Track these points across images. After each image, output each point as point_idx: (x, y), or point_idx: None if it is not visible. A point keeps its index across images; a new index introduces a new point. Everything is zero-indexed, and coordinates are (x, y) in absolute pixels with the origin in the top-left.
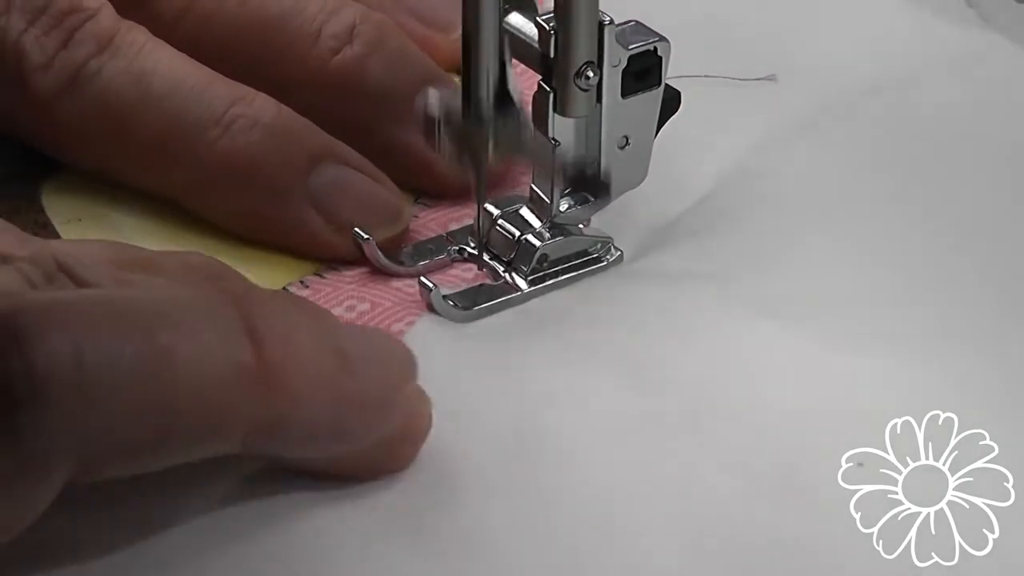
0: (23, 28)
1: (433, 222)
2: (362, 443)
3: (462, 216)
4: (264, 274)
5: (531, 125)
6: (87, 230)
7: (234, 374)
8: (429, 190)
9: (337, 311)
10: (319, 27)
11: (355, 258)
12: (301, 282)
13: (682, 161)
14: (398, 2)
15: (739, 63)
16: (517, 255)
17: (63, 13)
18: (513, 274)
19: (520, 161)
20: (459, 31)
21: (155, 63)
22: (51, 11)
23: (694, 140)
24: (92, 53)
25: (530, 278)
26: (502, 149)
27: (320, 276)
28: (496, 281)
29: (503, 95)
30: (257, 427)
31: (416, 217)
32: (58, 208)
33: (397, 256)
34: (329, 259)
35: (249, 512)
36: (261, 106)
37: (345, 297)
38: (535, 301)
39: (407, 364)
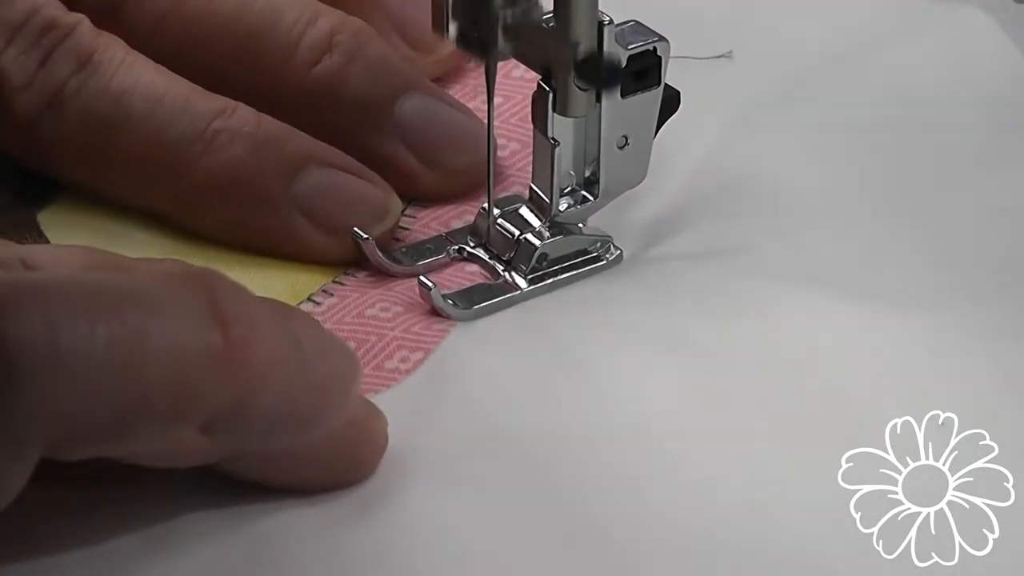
0: (2, 48)
1: (435, 221)
2: (311, 434)
3: (462, 213)
4: (278, 286)
5: (541, 12)
6: None
7: (202, 355)
8: (414, 199)
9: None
10: (297, 37)
11: (352, 260)
12: (324, 291)
13: (658, 148)
14: (382, 19)
15: (694, 43)
16: (516, 254)
17: (41, 30)
18: (512, 273)
19: (529, 51)
20: (442, 50)
21: (135, 80)
22: (28, 28)
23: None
24: (72, 71)
25: (529, 277)
26: (511, 40)
27: (340, 283)
28: (495, 280)
29: None
30: (220, 411)
31: (414, 218)
32: (59, 234)
33: (396, 256)
34: (323, 264)
35: (215, 514)
36: (241, 117)
37: (376, 300)
38: (561, 292)
39: (353, 361)
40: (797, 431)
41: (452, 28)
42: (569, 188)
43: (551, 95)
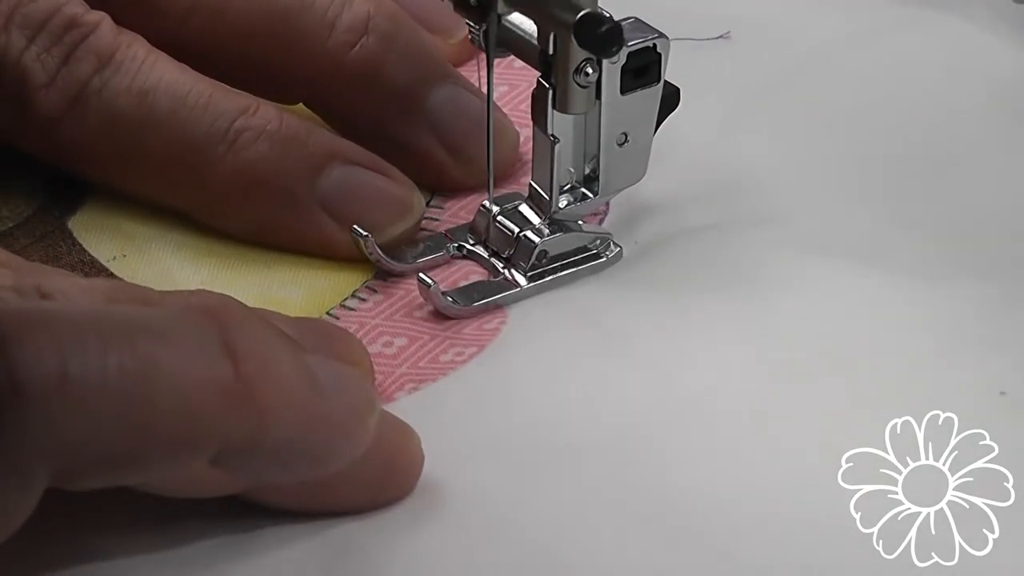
0: (24, 46)
1: (463, 210)
2: (327, 468)
3: (473, 211)
4: (321, 284)
5: None
6: (134, 265)
7: (212, 388)
8: (439, 190)
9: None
10: (333, 19)
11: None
12: (368, 287)
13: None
14: (401, 6)
15: (690, 24)
16: (516, 251)
17: (63, 28)
18: (512, 270)
19: (528, 13)
20: (461, 34)
21: (157, 79)
22: (50, 27)
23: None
24: (94, 70)
25: (529, 274)
26: (509, 2)
27: (362, 299)
28: (495, 277)
29: None
30: (230, 443)
31: (441, 208)
32: (92, 239)
33: (396, 253)
34: (350, 261)
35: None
36: (264, 116)
37: (381, 333)
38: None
39: (369, 395)
40: (797, 431)
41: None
42: (569, 185)
43: (551, 92)
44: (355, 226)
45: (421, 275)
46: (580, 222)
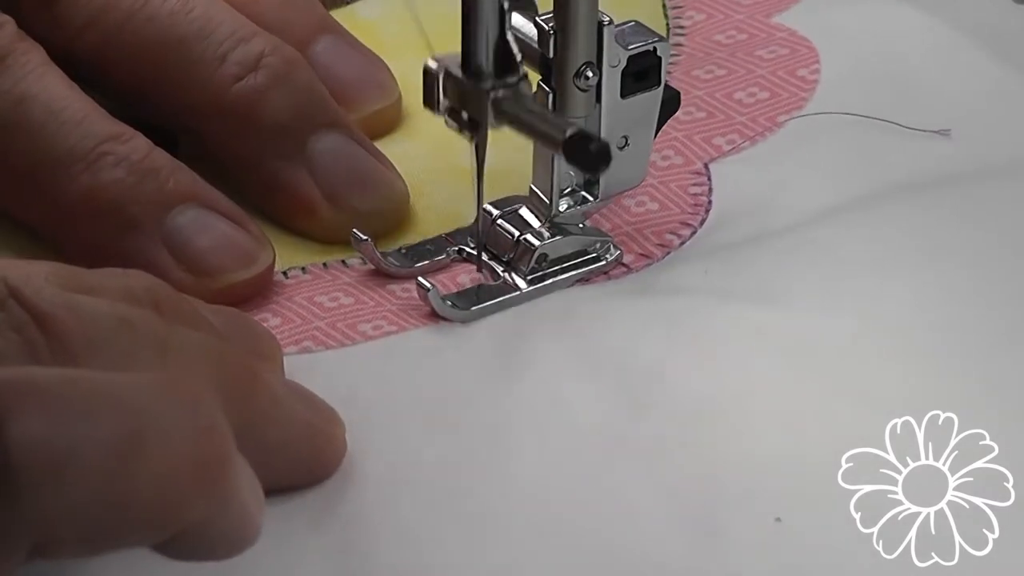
0: None
1: None
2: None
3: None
4: None
5: (530, 88)
6: None
7: (191, 468)
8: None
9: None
10: (225, 52)
11: (210, 299)
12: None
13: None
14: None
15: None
16: (516, 255)
17: None
18: (512, 274)
19: (519, 130)
20: (369, 108)
21: (40, 89)
22: None
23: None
24: None
25: (529, 278)
26: (501, 115)
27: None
28: (495, 281)
29: (504, 60)
30: (192, 524)
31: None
32: None
33: (396, 257)
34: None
35: None
36: (133, 146)
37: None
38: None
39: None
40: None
41: (442, 105)
42: (569, 188)
43: (551, 95)
44: (355, 230)
45: (420, 279)
46: (580, 225)
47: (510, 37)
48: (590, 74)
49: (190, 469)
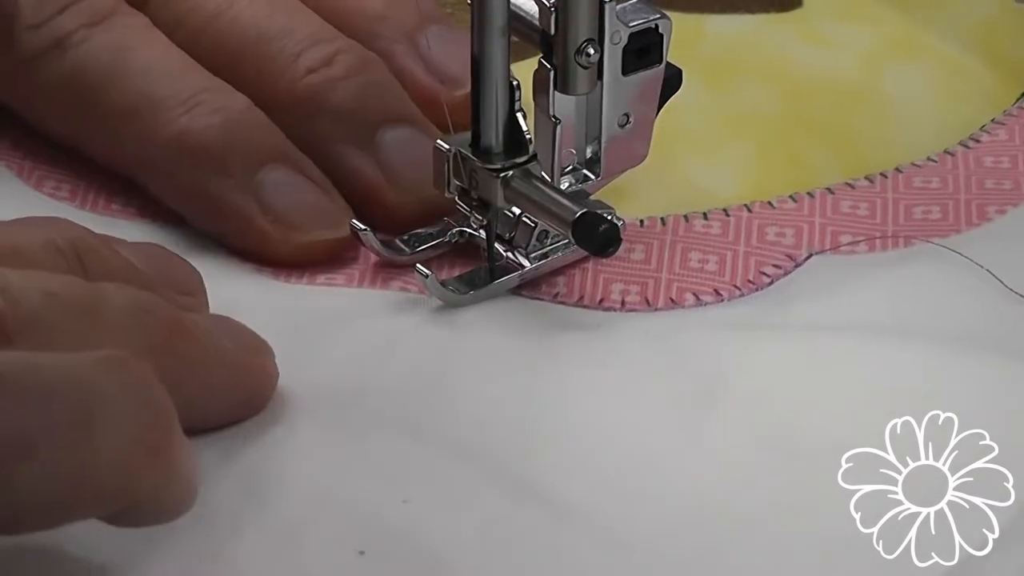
0: None
1: None
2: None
3: None
4: None
5: (541, 174)
6: None
7: (141, 445)
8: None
9: None
10: (303, 49)
11: (288, 255)
12: None
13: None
14: (413, 52)
15: None
16: (517, 234)
17: None
18: (515, 252)
19: (529, 209)
20: (465, 89)
21: (143, 44)
22: None
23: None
24: (84, 24)
25: (531, 255)
26: (511, 195)
27: None
28: (498, 261)
29: (514, 139)
30: (142, 497)
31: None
32: None
33: (397, 244)
34: (260, 250)
35: None
36: (231, 98)
37: None
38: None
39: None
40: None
41: (453, 185)
42: (571, 167)
43: (552, 73)
44: (354, 220)
45: (418, 266)
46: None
47: (519, 116)
48: (591, 51)
49: (140, 445)
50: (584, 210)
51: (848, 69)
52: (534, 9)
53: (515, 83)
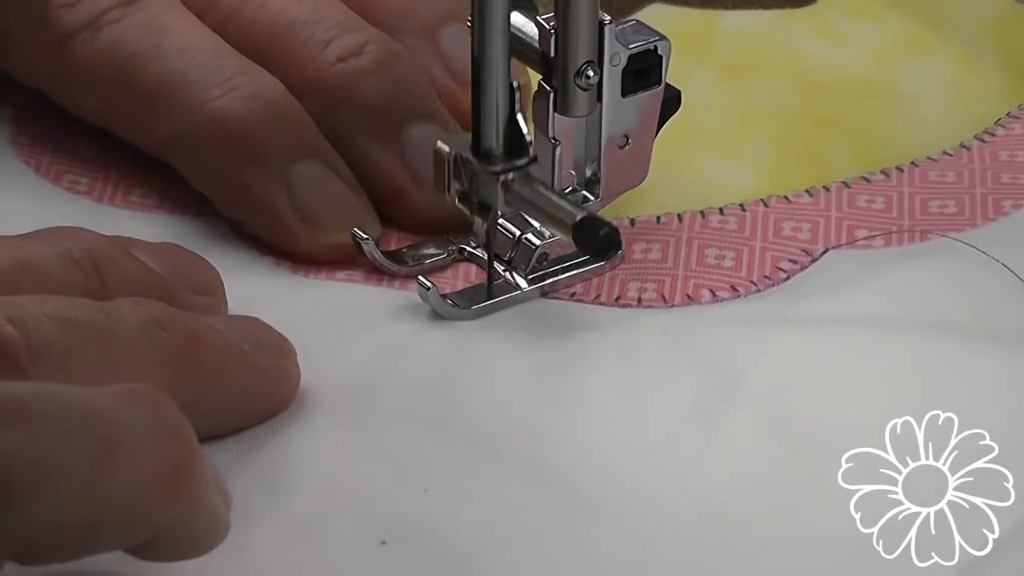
0: None
1: None
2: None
3: None
4: None
5: (541, 177)
6: None
7: (160, 475)
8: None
9: None
10: (331, 38)
11: (312, 253)
12: None
13: None
14: (432, 50)
15: None
16: (517, 254)
17: None
18: (513, 273)
19: (529, 212)
20: None
21: (178, 25)
22: None
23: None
24: (119, 3)
25: (530, 277)
26: (511, 198)
27: None
28: (496, 280)
29: (514, 142)
30: (162, 528)
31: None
32: None
33: (397, 257)
34: (284, 246)
35: None
36: (269, 83)
37: None
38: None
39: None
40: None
41: (453, 188)
42: (570, 188)
43: (552, 94)
44: (355, 229)
45: (420, 278)
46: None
47: (520, 119)
48: (591, 73)
49: (158, 476)
50: (584, 213)
51: (862, 65)
52: (534, 31)
53: (515, 85)
